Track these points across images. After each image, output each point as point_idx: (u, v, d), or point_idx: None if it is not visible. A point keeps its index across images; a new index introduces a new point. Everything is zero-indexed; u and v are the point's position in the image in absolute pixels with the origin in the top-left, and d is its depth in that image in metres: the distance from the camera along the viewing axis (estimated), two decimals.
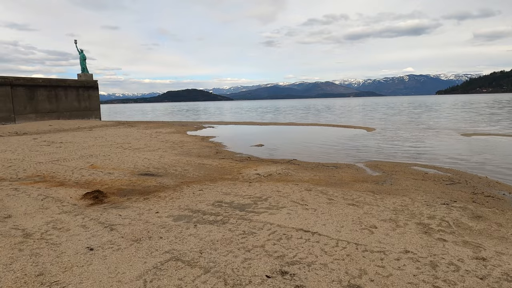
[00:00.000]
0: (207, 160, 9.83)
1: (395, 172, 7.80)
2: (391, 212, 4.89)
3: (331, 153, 11.29)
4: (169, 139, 15.21)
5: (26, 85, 24.85)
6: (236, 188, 6.47)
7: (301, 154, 11.02)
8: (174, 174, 8.04)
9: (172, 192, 6.31)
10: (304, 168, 8.55)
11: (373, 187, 6.54)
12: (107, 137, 16.21)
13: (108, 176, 7.77)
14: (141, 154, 10.99)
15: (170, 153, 11.20)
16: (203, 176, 7.79)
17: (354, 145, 12.92)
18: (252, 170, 8.24)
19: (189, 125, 25.67)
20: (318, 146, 12.99)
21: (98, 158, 10.26)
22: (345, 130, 19.34)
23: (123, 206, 5.46)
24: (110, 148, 12.44)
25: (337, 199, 5.58)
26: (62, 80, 27.66)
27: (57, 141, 14.50)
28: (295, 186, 6.56)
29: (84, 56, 29.95)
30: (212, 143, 14.14)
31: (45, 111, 26.13)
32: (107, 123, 27.52)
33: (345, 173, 7.79)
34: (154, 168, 8.76)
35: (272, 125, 24.11)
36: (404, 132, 17.09)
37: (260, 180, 7.16)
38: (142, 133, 18.34)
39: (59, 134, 18.07)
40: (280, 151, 11.84)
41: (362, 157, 10.22)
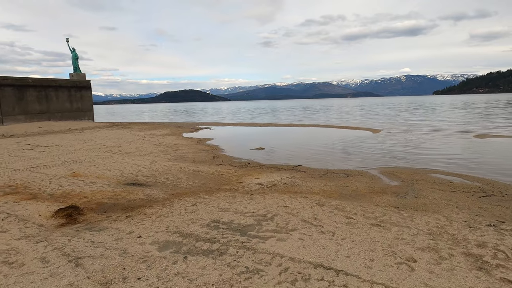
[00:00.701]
0: (203, 167, 8.89)
1: (415, 181, 6.89)
2: (427, 237, 3.97)
3: (338, 157, 10.37)
4: (162, 142, 14.25)
5: (14, 85, 23.80)
6: (235, 202, 5.53)
7: (306, 159, 10.10)
8: (165, 183, 7.09)
9: (160, 207, 5.36)
10: (311, 176, 7.62)
11: (395, 200, 5.62)
12: (96, 139, 15.22)
13: (90, 187, 6.82)
14: (130, 159, 10.03)
15: (163, 158, 10.24)
16: (197, 186, 6.85)
17: (362, 148, 12.01)
18: (253, 179, 7.30)
19: (185, 126, 24.70)
20: (323, 149, 12.07)
21: (83, 164, 9.29)
22: (349, 131, 18.44)
23: (100, 228, 4.52)
24: (98, 152, 11.46)
25: (357, 218, 4.65)
26: (53, 80, 26.61)
27: (42, 145, 13.50)
28: (305, 199, 5.63)
29: (76, 55, 28.90)
30: (209, 147, 13.19)
31: (35, 112, 25.08)
32: (100, 124, 26.50)
33: (359, 183, 6.87)
34: (143, 176, 7.81)
35: (271, 127, 23.18)
36: (411, 134, 16.21)
37: (263, 192, 6.23)
38: (134, 135, 17.36)
39: (47, 137, 17.07)
40: (283, 156, 10.92)
41: (373, 163, 9.31)
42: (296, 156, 10.81)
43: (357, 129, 19.52)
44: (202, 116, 46.30)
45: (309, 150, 11.89)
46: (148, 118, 46.61)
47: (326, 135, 16.78)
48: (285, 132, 19.39)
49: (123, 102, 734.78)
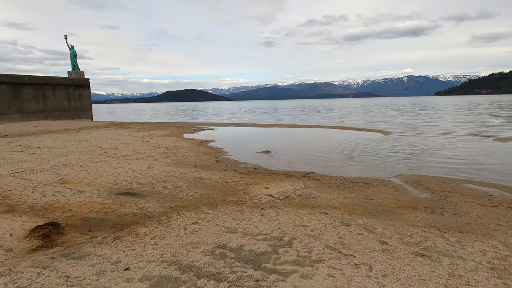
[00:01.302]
0: (206, 172, 8.05)
1: (448, 193, 6.04)
2: (490, 273, 3.13)
3: (352, 162, 9.54)
4: (162, 144, 13.42)
5: (10, 83, 23.01)
6: (244, 219, 4.70)
7: (318, 164, 9.26)
8: (163, 193, 6.27)
9: (155, 225, 4.54)
10: (327, 185, 6.78)
11: (432, 218, 4.78)
12: (92, 141, 14.41)
13: (77, 197, 5.99)
14: (126, 163, 9.20)
15: (161, 162, 9.41)
16: (199, 197, 6.02)
17: (376, 152, 11.16)
18: (262, 189, 6.47)
19: (186, 126, 23.88)
20: (335, 153, 11.24)
21: (73, 168, 8.46)
22: (358, 133, 17.58)
23: (80, 254, 3.69)
24: (91, 155, 10.64)
25: (393, 243, 3.82)
26: (50, 78, 25.82)
27: (34, 146, 12.69)
28: (325, 216, 4.79)
29: (75, 53, 28.10)
30: (212, 149, 12.36)
31: (31, 111, 24.29)
32: (99, 124, 25.70)
33: (384, 195, 6.03)
34: (138, 184, 6.99)
35: (275, 127, 22.33)
36: (425, 136, 15.33)
37: (275, 206, 5.39)
38: (133, 136, 16.54)
39: (41, 137, 16.26)
40: (291, 160, 10.09)
41: (392, 169, 8.47)
42: (306, 160, 9.97)
43: (366, 130, 18.66)
44: (204, 116, 45.50)
45: (320, 154, 11.05)
46: (148, 117, 45.83)
47: (335, 137, 15.93)
48: (290, 133, 18.56)
49: (125, 101, 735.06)
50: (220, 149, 12.45)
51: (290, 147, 12.68)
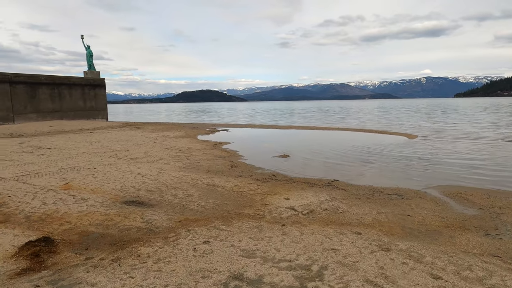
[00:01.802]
0: (219, 179, 7.42)
1: (500, 210, 5.21)
2: None
3: (380, 169, 8.74)
4: (175, 146, 12.90)
5: (27, 83, 23.05)
6: (263, 239, 4.03)
7: (341, 171, 8.51)
8: (172, 203, 5.66)
9: (161, 244, 3.93)
10: (355, 196, 6.03)
11: (488, 243, 4.00)
12: (104, 141, 14.02)
13: (78, 206, 5.45)
14: (136, 167, 8.67)
15: (173, 167, 8.84)
16: (212, 208, 5.38)
17: (403, 158, 10.31)
18: (282, 200, 5.78)
19: (201, 127, 23.40)
20: (358, 158, 10.45)
21: (80, 172, 7.98)
22: (380, 136, 16.66)
23: (70, 282, 3.11)
24: (101, 157, 10.18)
25: (449, 279, 3.07)
26: (66, 77, 25.80)
27: (45, 147, 12.37)
28: (358, 237, 4.08)
29: (91, 53, 28.06)
30: (226, 152, 11.74)
31: (47, 110, 24.30)
32: (113, 124, 25.53)
33: (423, 210, 5.25)
34: (146, 191, 6.41)
35: (292, 129, 21.58)
36: (453, 141, 14.30)
37: (298, 221, 4.70)
38: (146, 137, 16.11)
39: (54, 137, 16.02)
40: (312, 166, 9.36)
41: (425, 178, 7.64)
42: (328, 166, 9.22)
43: (389, 133, 17.69)
44: (219, 117, 45.08)
45: (342, 159, 10.27)
46: (163, 118, 45.77)
47: (356, 140, 15.08)
48: (308, 135, 17.78)
49: (142, 101, 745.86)
50: (235, 152, 11.82)
51: (310, 151, 11.94)
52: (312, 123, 27.49)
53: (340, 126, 23.37)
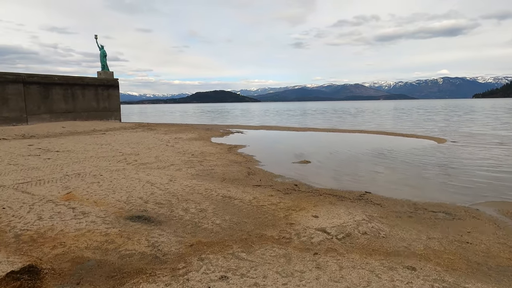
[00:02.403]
0: (236, 189, 6.66)
1: None
2: None
3: (415, 179, 7.82)
4: (187, 149, 12.22)
5: (40, 83, 22.85)
6: (293, 275, 3.24)
7: (372, 181, 7.63)
8: (183, 220, 4.93)
9: (168, 279, 3.19)
10: (395, 214, 5.17)
11: None
12: (114, 144, 13.47)
13: (77, 222, 4.78)
14: (145, 173, 8.00)
15: (185, 174, 8.13)
16: (229, 228, 4.62)
17: (438, 165, 9.34)
18: (310, 217, 4.97)
19: (215, 129, 22.75)
20: (387, 164, 9.54)
21: (85, 179, 7.35)
22: (406, 140, 15.62)
23: None
24: (109, 162, 9.57)
25: None
26: (80, 78, 25.56)
27: (53, 149, 11.87)
28: (413, 275, 3.24)
29: (105, 53, 27.79)
30: (242, 157, 10.98)
31: (60, 111, 24.07)
32: (126, 125, 25.14)
33: (483, 235, 4.36)
34: (155, 203, 5.70)
35: (310, 132, 20.68)
36: (488, 147, 13.17)
37: (333, 249, 3.89)
38: (158, 139, 15.51)
39: (65, 139, 15.60)
40: (337, 173, 8.51)
41: (471, 191, 6.70)
42: (355, 174, 8.34)
43: (415, 137, 16.60)
44: (233, 118, 44.45)
45: (369, 166, 9.38)
46: (177, 118, 45.45)
47: (381, 144, 14.10)
48: (328, 139, 16.85)
49: (156, 102, 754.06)
50: (252, 157, 11.05)
51: (332, 156, 11.07)
52: (329, 125, 26.50)
53: (360, 128, 22.34)
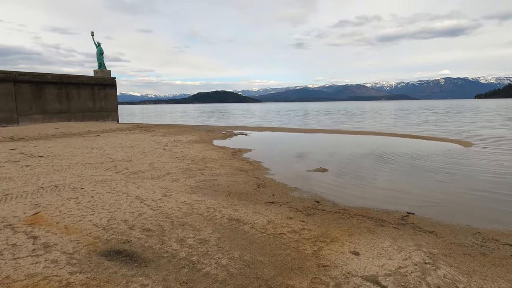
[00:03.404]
0: (245, 209, 5.38)
1: None
2: None
3: (458, 193, 6.52)
4: (187, 154, 10.94)
5: (32, 82, 21.60)
6: None
7: (407, 195, 6.34)
8: (176, 258, 3.64)
9: None
10: (462, 250, 3.87)
11: None
12: (106, 148, 12.19)
13: (33, 262, 3.50)
14: (135, 186, 6.73)
15: (183, 186, 6.85)
16: (239, 273, 3.33)
17: (478, 175, 8.03)
18: (347, 254, 3.68)
19: (217, 131, 21.47)
20: (417, 173, 8.25)
21: (62, 194, 6.08)
22: (427, 143, 14.28)
23: None
24: (96, 170, 8.29)
25: None
26: (75, 76, 24.29)
27: (37, 154, 10.61)
28: None
29: (102, 50, 26.51)
30: (248, 163, 9.69)
31: (54, 111, 22.82)
32: (123, 126, 23.88)
33: None
34: (142, 230, 4.42)
35: (319, 133, 19.35)
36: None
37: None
38: (155, 142, 14.24)
39: (54, 142, 14.34)
40: (362, 184, 7.22)
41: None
42: (386, 187, 7.03)
43: (435, 139, 15.26)
44: (235, 118, 43.16)
45: (398, 175, 8.08)
46: (177, 119, 44.20)
47: (401, 147, 12.76)
48: (340, 141, 15.52)
49: (158, 102, 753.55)
50: (259, 163, 9.75)
51: (350, 162, 9.78)
52: (337, 126, 25.18)
53: (370, 130, 21.02)
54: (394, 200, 6.00)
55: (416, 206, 5.63)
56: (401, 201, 5.92)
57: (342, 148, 12.82)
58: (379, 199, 6.06)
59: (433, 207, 5.56)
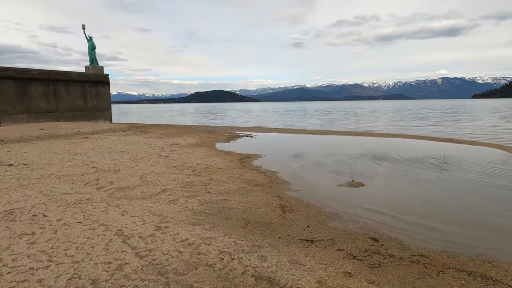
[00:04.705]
0: (276, 256, 3.65)
1: None
2: None
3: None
4: (187, 162, 9.20)
5: (16, 78, 19.76)
6: None
7: (496, 227, 4.64)
8: None
9: None
10: None
11: None
12: (92, 153, 10.43)
13: None
14: (119, 211, 4.99)
15: (183, 209, 5.11)
16: None
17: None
18: None
19: (218, 132, 19.73)
20: (484, 190, 6.56)
21: (14, 226, 4.33)
22: (461, 147, 12.56)
23: None
24: (72, 184, 6.55)
25: None
26: (64, 72, 22.45)
27: (5, 162, 8.83)
28: None
29: (93, 45, 24.66)
30: (262, 174, 7.95)
31: (40, 111, 20.98)
32: (116, 126, 22.08)
33: None
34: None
35: (331, 135, 17.63)
36: None
37: None
38: (150, 146, 12.47)
39: (33, 146, 12.55)
40: (427, 209, 5.50)
41: None
42: (462, 214, 5.31)
43: (469, 143, 13.56)
44: (235, 118, 41.40)
45: (468, 194, 6.38)
46: (175, 119, 42.40)
47: (442, 153, 10.98)
48: (361, 145, 13.71)
49: (155, 101, 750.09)
50: (275, 174, 8.02)
51: (389, 173, 8.06)
52: (345, 127, 23.52)
53: (393, 133, 19.34)
54: (479, 235, 4.29)
55: (506, 237, 3.93)
56: (488, 236, 4.22)
57: (367, 154, 11.10)
58: (465, 235, 4.33)
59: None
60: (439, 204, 5.67)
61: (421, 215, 5.08)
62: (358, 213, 5.12)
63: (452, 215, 5.10)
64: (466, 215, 5.15)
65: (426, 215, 5.11)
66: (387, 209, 5.33)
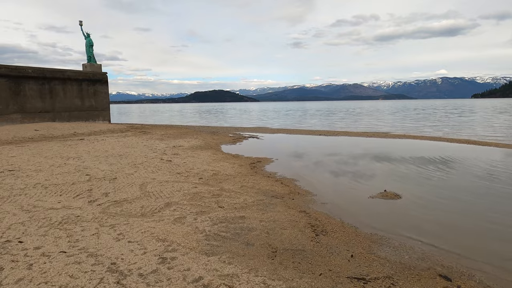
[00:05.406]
0: None
1: None
2: None
3: None
4: (192, 167, 8.24)
5: (9, 76, 18.80)
6: None
7: None
8: None
9: None
10: None
11: None
12: (87, 157, 9.47)
13: None
14: (114, 234, 4.03)
15: (192, 232, 4.15)
16: None
17: None
18: None
19: (222, 132, 18.77)
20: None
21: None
22: (483, 148, 11.65)
23: None
24: (61, 196, 5.59)
25: None
26: (60, 70, 21.45)
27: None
28: None
29: (91, 42, 23.67)
30: (279, 183, 7.00)
31: (35, 110, 20.01)
32: (115, 127, 21.12)
33: None
34: None
35: (342, 136, 16.66)
36: None
37: None
38: (151, 148, 11.52)
39: (24, 148, 11.60)
40: (490, 226, 4.57)
41: None
42: (500, 230, 4.40)
43: (487, 145, 12.58)
44: (238, 118, 40.42)
45: (505, 205, 5.46)
46: (176, 119, 41.42)
47: (462, 157, 10.11)
48: (378, 147, 12.62)
49: (155, 101, 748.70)
50: (293, 182, 7.07)
51: (422, 182, 7.10)
52: (353, 127, 22.57)
53: (410, 134, 18.38)
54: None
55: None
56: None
57: (389, 157, 10.14)
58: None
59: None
60: (486, 215, 4.72)
61: (495, 239, 4.13)
62: (408, 236, 4.17)
63: (497, 228, 4.16)
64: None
65: (502, 238, 4.15)
66: (443, 230, 4.38)
